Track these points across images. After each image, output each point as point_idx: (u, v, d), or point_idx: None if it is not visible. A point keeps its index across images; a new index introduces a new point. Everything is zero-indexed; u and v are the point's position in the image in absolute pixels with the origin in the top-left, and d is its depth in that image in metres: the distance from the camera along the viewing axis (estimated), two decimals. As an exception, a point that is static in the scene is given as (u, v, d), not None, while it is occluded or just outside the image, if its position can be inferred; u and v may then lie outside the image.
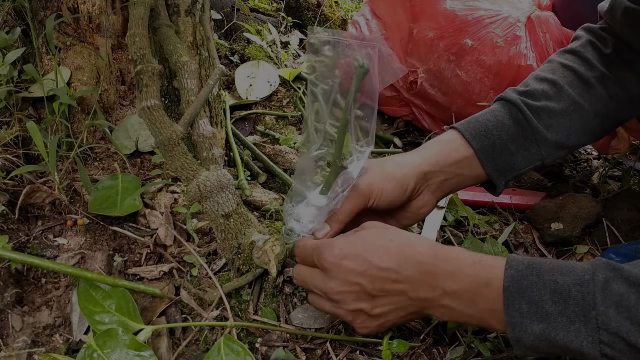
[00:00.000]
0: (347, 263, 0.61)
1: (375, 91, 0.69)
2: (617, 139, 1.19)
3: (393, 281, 0.59)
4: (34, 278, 0.76)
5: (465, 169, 0.75)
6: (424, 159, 0.73)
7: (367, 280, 0.60)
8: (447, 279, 0.57)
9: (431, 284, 0.58)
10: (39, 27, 0.93)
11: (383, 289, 0.60)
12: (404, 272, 0.59)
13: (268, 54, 1.45)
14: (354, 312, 0.62)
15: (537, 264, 0.54)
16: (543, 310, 0.52)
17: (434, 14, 1.18)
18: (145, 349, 0.63)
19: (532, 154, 0.76)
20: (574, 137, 0.79)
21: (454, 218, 1.02)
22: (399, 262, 0.59)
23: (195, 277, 0.81)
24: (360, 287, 0.60)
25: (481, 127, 0.75)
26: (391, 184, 0.69)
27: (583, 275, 0.51)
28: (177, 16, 0.96)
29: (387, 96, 1.34)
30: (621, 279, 0.50)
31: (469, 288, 0.56)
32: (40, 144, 0.78)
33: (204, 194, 0.77)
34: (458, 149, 0.74)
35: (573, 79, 0.80)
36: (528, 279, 0.53)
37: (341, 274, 0.61)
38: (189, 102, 0.86)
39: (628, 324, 0.48)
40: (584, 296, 0.50)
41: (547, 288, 0.52)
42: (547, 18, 1.17)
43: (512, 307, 0.53)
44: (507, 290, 0.53)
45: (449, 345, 0.74)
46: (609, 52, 0.81)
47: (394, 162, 0.72)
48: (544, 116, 0.77)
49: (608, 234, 0.99)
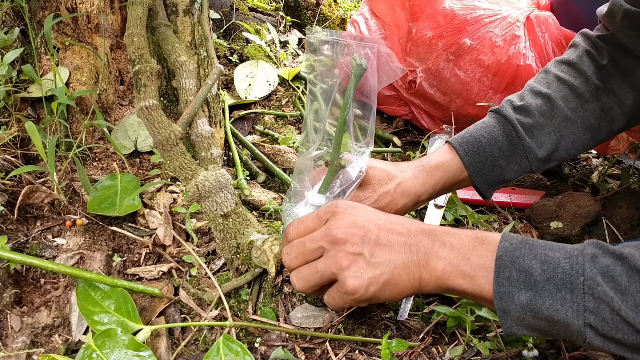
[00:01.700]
0: (357, 211, 0.62)
1: (374, 91, 0.69)
2: (616, 140, 1.19)
3: (398, 233, 0.61)
4: (33, 278, 0.76)
5: (457, 187, 0.82)
6: (424, 188, 0.77)
7: (374, 226, 0.61)
8: (447, 234, 0.60)
9: (432, 237, 0.60)
10: (37, 27, 0.93)
11: (387, 239, 0.60)
12: (409, 227, 0.61)
13: (267, 53, 1.45)
14: (353, 255, 0.59)
15: (530, 240, 0.57)
16: (531, 278, 0.53)
17: (433, 13, 1.18)
18: (144, 349, 0.63)
19: (521, 167, 0.81)
20: (563, 151, 0.82)
21: (454, 217, 1.02)
22: (403, 223, 0.62)
23: (194, 277, 0.81)
24: (366, 230, 0.60)
25: (475, 144, 0.79)
26: (392, 211, 0.74)
27: (572, 251, 0.54)
28: (175, 16, 0.96)
29: (386, 95, 1.34)
30: (608, 253, 0.52)
31: (467, 244, 0.58)
32: (39, 144, 0.78)
33: (203, 194, 0.77)
34: (454, 173, 0.79)
35: (567, 93, 0.82)
36: (520, 250, 0.56)
37: (349, 217, 0.61)
38: (187, 102, 0.86)
39: (612, 292, 0.50)
40: (572, 266, 0.52)
41: (538, 259, 0.54)
42: (546, 18, 1.17)
43: (502, 274, 0.55)
44: (499, 259, 0.55)
45: (448, 344, 0.74)
46: (605, 63, 0.82)
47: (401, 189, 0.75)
48: (536, 134, 0.80)
49: (607, 232, 0.99)
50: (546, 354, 0.72)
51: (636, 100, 0.82)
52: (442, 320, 0.76)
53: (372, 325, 0.76)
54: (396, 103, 1.35)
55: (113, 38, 0.97)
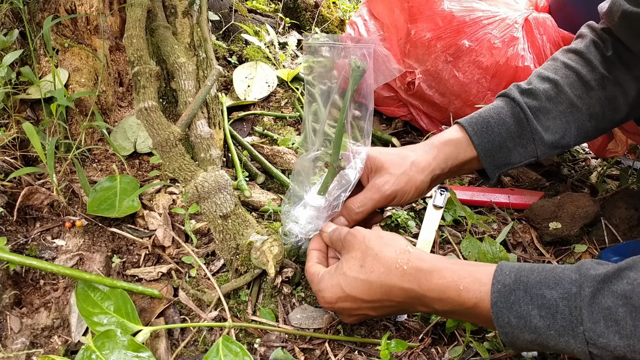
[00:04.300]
0: (342, 305, 0.65)
1: (370, 91, 0.69)
2: (615, 142, 1.19)
3: (389, 306, 0.64)
4: (33, 280, 0.76)
5: (466, 167, 0.81)
6: (437, 163, 0.77)
7: (365, 307, 0.65)
8: (435, 302, 0.60)
9: (422, 303, 0.61)
10: (36, 29, 0.93)
11: (383, 310, 0.66)
12: (394, 298, 0.62)
13: (266, 54, 1.45)
14: (354, 317, 0.69)
15: (524, 277, 0.55)
16: (532, 325, 0.53)
17: (431, 15, 1.18)
18: (143, 350, 0.63)
19: (528, 151, 0.80)
20: (569, 138, 0.82)
21: (453, 218, 1.02)
22: (386, 292, 0.62)
23: (193, 278, 0.81)
24: (364, 313, 0.67)
25: (484, 124, 0.79)
26: (412, 190, 0.74)
27: (570, 288, 0.52)
28: (174, 17, 0.96)
29: (385, 97, 1.34)
30: (608, 291, 0.50)
31: (458, 310, 0.59)
32: (38, 146, 0.78)
33: (202, 195, 0.77)
34: (465, 150, 0.79)
35: (574, 80, 0.83)
36: (515, 293, 0.54)
37: (344, 311, 0.67)
38: (186, 104, 0.87)
39: (617, 338, 0.48)
40: (571, 310, 0.51)
41: (535, 303, 0.53)
42: (544, 20, 1.17)
43: (502, 320, 0.54)
44: (495, 305, 0.55)
45: (448, 345, 0.74)
46: (610, 54, 0.83)
47: (416, 167, 0.75)
48: (543, 118, 0.80)
49: (606, 233, 0.99)
50: (545, 355, 0.72)
51: (639, 92, 0.83)
52: (441, 320, 0.76)
53: (371, 325, 0.76)
54: (395, 104, 1.35)
55: (112, 40, 0.97)
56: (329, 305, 0.67)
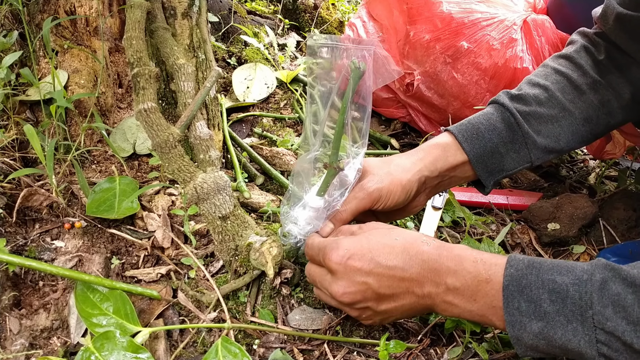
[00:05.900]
0: (354, 262, 0.62)
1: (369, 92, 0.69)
2: (613, 144, 1.19)
3: (400, 279, 0.61)
4: (32, 281, 0.76)
5: (458, 172, 0.80)
6: (424, 164, 0.76)
7: (374, 279, 0.61)
8: (450, 275, 0.59)
9: (435, 280, 0.60)
10: (36, 31, 0.93)
11: (390, 288, 0.62)
12: (410, 269, 0.61)
13: (265, 56, 1.46)
14: (360, 310, 0.65)
15: (537, 263, 0.56)
16: (541, 309, 0.53)
17: (430, 16, 1.18)
18: (142, 351, 0.63)
19: (521, 156, 0.80)
20: (563, 142, 0.82)
21: (451, 219, 1.02)
22: (404, 260, 0.61)
23: (192, 279, 0.81)
24: (367, 286, 0.62)
25: (474, 130, 0.78)
26: (398, 189, 0.73)
27: (581, 275, 0.52)
28: (174, 19, 0.96)
29: (384, 98, 1.34)
30: (619, 278, 0.51)
31: (470, 285, 0.58)
32: (38, 147, 0.78)
33: (201, 196, 0.77)
34: (454, 154, 0.78)
35: (565, 84, 0.83)
36: (527, 277, 0.54)
37: (348, 274, 0.62)
38: (185, 105, 0.87)
39: (624, 323, 0.49)
40: (581, 295, 0.51)
41: (546, 287, 0.53)
42: (542, 21, 1.18)
43: (512, 305, 0.54)
44: (506, 289, 0.55)
45: (446, 345, 0.74)
46: (602, 58, 0.83)
47: (400, 167, 0.75)
48: (534, 122, 0.80)
49: (604, 234, 0.99)
50: (544, 355, 0.72)
51: (633, 95, 0.83)
52: (440, 321, 0.76)
53: (370, 326, 0.76)
54: (394, 105, 1.36)
55: (112, 41, 0.97)
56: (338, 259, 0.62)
